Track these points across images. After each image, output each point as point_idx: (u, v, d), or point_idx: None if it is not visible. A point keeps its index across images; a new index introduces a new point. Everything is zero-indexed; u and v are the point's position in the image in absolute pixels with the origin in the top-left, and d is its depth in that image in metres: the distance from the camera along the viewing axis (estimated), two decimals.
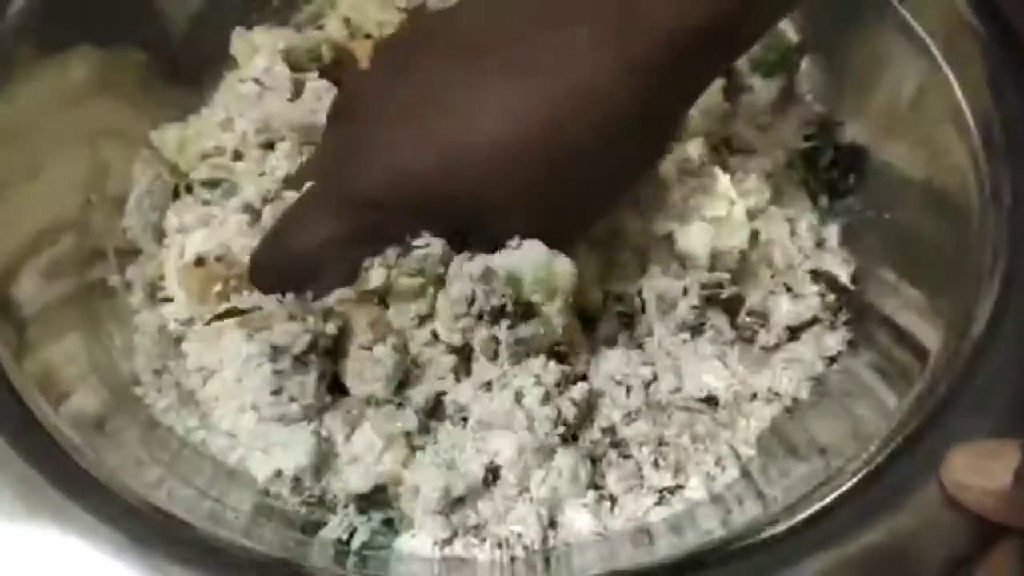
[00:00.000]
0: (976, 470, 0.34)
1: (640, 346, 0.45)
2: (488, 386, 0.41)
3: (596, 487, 0.41)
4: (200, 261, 0.44)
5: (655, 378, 0.43)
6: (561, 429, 0.40)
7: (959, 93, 0.44)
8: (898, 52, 0.46)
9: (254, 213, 0.45)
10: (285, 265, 0.42)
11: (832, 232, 0.48)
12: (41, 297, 0.42)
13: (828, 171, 0.49)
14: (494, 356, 0.41)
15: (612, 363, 0.43)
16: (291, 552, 0.37)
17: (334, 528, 0.39)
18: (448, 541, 0.39)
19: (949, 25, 0.45)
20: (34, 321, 0.41)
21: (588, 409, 0.42)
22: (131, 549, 0.33)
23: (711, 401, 0.43)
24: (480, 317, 0.40)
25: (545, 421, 0.40)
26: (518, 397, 0.40)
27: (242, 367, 0.40)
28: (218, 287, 0.43)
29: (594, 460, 0.41)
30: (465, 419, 0.41)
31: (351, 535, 0.39)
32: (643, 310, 0.45)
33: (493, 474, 0.40)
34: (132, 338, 0.44)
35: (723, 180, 0.46)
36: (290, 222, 0.42)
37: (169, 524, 0.35)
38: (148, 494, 0.36)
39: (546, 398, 0.40)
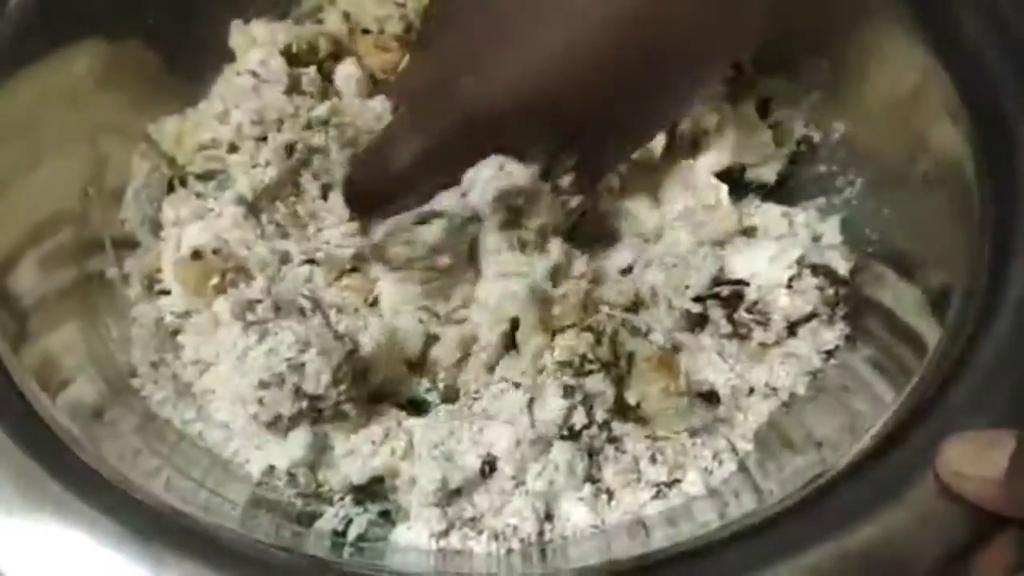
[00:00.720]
0: (972, 459, 0.34)
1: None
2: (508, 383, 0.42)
3: (593, 481, 0.41)
4: (197, 254, 0.44)
5: None
6: (564, 432, 0.41)
7: (957, 87, 0.44)
8: (896, 47, 0.46)
9: (249, 205, 0.45)
10: (380, 182, 0.43)
11: (830, 226, 0.48)
12: (39, 288, 0.42)
13: None
14: None
15: None
16: (288, 542, 0.37)
17: (330, 519, 0.39)
18: (444, 533, 0.39)
19: (947, 21, 0.45)
20: (32, 312, 0.41)
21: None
22: (131, 541, 0.33)
23: (711, 397, 0.43)
24: None
25: (551, 424, 0.40)
26: (530, 403, 0.41)
27: (237, 361, 0.40)
28: (215, 280, 0.43)
29: (591, 454, 0.41)
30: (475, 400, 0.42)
31: (347, 526, 0.39)
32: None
33: (490, 466, 0.40)
34: (129, 330, 0.44)
35: (700, 169, 0.46)
36: (384, 139, 0.44)
37: (168, 515, 0.35)
38: (146, 485, 0.36)
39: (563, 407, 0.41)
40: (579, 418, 0.41)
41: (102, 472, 0.36)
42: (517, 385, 0.42)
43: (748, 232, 0.47)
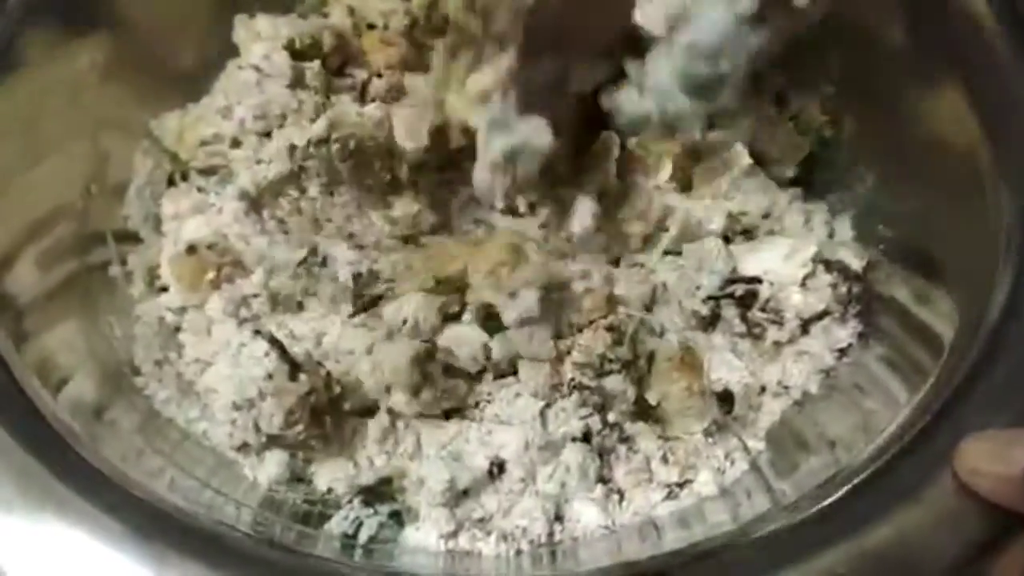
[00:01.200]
0: (990, 457, 0.33)
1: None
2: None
3: (604, 481, 0.41)
4: (192, 249, 0.43)
5: None
6: (579, 436, 0.40)
7: (972, 83, 0.43)
8: (909, 42, 0.46)
9: (250, 200, 0.45)
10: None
11: (843, 223, 0.47)
12: (40, 285, 0.41)
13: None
14: None
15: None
16: (296, 543, 0.36)
17: (340, 522, 0.39)
18: (453, 534, 0.39)
19: (961, 17, 0.45)
20: (33, 309, 0.40)
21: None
22: (133, 539, 0.33)
23: (727, 396, 0.43)
24: None
25: (565, 432, 0.40)
26: (544, 410, 0.40)
27: (232, 359, 0.39)
28: (210, 275, 0.43)
29: (602, 454, 0.41)
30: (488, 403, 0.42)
31: (358, 529, 0.39)
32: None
33: (499, 468, 0.40)
34: (133, 328, 0.44)
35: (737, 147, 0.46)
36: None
37: (170, 514, 0.35)
38: (149, 484, 0.36)
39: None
40: (594, 423, 0.40)
41: (104, 471, 0.35)
42: (533, 393, 0.41)
43: (773, 223, 0.46)
